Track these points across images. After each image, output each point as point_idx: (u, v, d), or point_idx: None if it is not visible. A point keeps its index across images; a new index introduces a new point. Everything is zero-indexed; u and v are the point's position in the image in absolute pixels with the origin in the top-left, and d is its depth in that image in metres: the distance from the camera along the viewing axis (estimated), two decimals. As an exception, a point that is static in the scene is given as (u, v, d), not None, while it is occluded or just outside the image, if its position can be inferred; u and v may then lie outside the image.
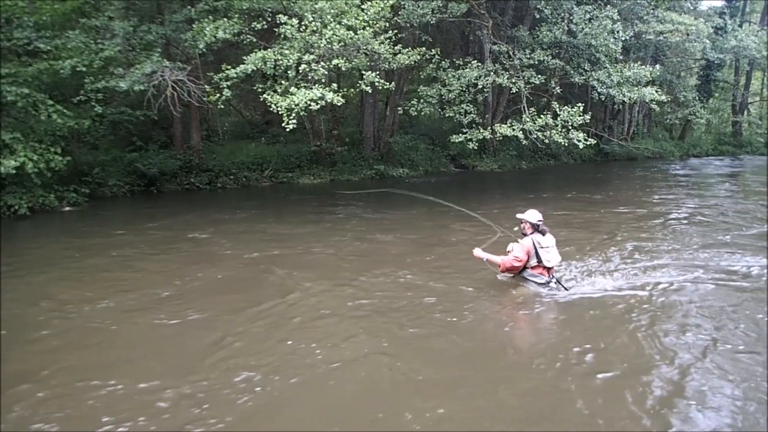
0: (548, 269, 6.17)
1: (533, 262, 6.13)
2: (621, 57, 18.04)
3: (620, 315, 5.55)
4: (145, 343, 5.00)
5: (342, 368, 4.41)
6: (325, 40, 11.22)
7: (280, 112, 11.10)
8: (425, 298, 6.09)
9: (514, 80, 16.11)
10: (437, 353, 4.75)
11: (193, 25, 12.76)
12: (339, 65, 11.67)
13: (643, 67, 17.07)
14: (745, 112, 37.88)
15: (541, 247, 6.08)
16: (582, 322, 5.41)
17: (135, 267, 7.55)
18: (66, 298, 6.19)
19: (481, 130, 15.83)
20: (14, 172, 10.70)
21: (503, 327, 5.49)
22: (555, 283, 6.18)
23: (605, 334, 5.08)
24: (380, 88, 13.13)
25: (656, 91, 16.63)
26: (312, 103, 10.98)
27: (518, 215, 6.38)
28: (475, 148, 16.68)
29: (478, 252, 6.41)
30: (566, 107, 15.12)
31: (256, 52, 11.71)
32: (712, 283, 6.50)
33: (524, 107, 16.00)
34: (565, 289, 6.16)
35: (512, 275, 6.38)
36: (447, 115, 16.86)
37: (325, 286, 6.58)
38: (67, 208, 12.29)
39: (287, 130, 11.22)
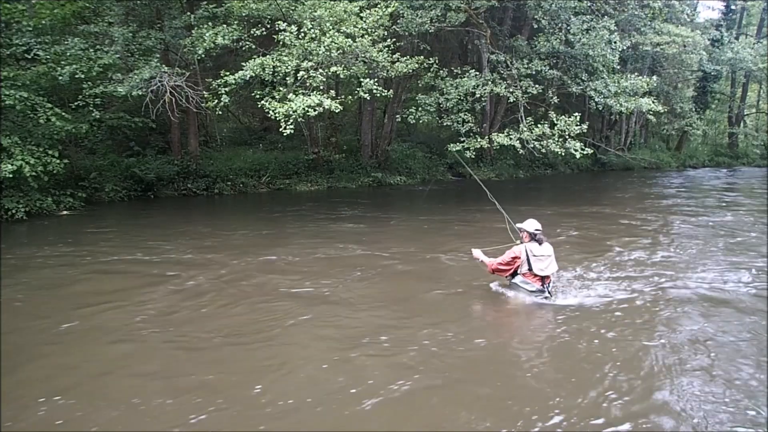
0: (542, 278, 6.18)
1: (524, 268, 6.17)
2: (618, 67, 18.14)
3: (601, 324, 5.50)
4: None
5: (326, 372, 4.41)
6: (324, 47, 11.27)
7: (278, 119, 11.13)
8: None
9: (511, 90, 16.17)
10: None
11: (193, 31, 12.84)
12: (337, 72, 11.70)
13: (640, 77, 17.16)
14: (741, 124, 38.17)
15: (534, 255, 6.10)
16: (561, 331, 5.40)
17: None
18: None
19: (479, 139, 15.88)
20: (11, 176, 10.70)
21: (467, 330, 5.42)
22: (548, 292, 6.19)
23: (584, 343, 5.06)
24: (378, 95, 13.18)
25: (653, 102, 16.70)
26: (310, 110, 11.01)
27: (517, 225, 6.47)
28: (473, 156, 16.73)
29: (476, 252, 6.66)
30: (563, 117, 15.15)
31: (254, 59, 11.78)
32: (704, 294, 6.50)
33: (522, 117, 16.06)
34: (550, 295, 6.18)
35: (508, 280, 6.45)
36: (445, 123, 16.91)
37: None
38: (65, 212, 12.26)
39: (285, 135, 11.22)
